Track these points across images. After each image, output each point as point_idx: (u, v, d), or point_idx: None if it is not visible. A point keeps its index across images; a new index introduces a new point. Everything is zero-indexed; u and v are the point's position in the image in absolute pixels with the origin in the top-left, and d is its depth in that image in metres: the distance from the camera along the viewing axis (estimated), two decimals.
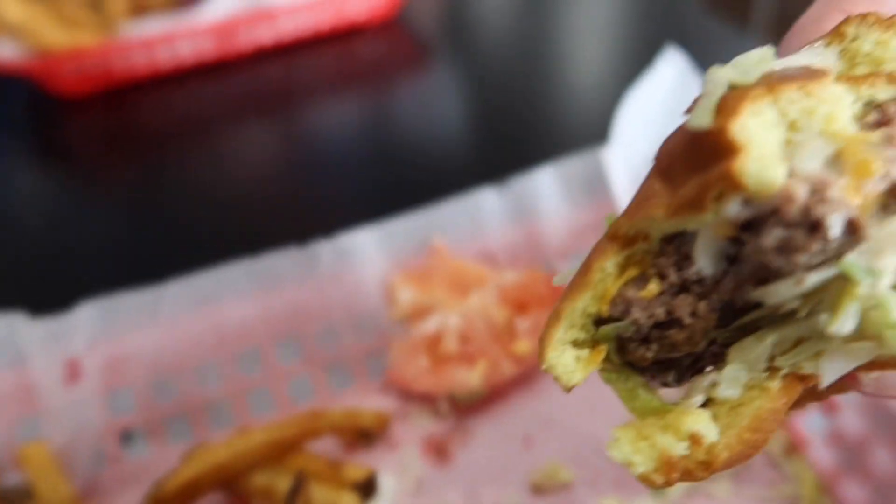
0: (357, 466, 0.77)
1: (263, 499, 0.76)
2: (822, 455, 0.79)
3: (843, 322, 0.29)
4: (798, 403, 0.37)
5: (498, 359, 0.84)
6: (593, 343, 0.35)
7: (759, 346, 0.33)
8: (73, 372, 0.80)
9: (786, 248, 0.29)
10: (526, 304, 0.88)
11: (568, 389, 0.36)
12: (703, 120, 0.30)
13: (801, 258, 0.28)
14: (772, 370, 0.33)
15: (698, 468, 0.33)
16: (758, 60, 0.32)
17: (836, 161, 0.29)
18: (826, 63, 0.33)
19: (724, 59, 0.33)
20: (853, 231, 0.28)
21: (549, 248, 0.94)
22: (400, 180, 1.28)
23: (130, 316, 0.82)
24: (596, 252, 0.35)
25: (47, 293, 0.86)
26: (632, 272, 0.34)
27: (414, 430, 0.84)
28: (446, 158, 1.35)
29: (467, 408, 0.85)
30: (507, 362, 0.84)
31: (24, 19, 1.33)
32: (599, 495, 0.76)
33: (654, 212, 0.32)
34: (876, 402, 0.74)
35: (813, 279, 0.29)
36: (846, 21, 0.35)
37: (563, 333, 0.35)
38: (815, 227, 0.28)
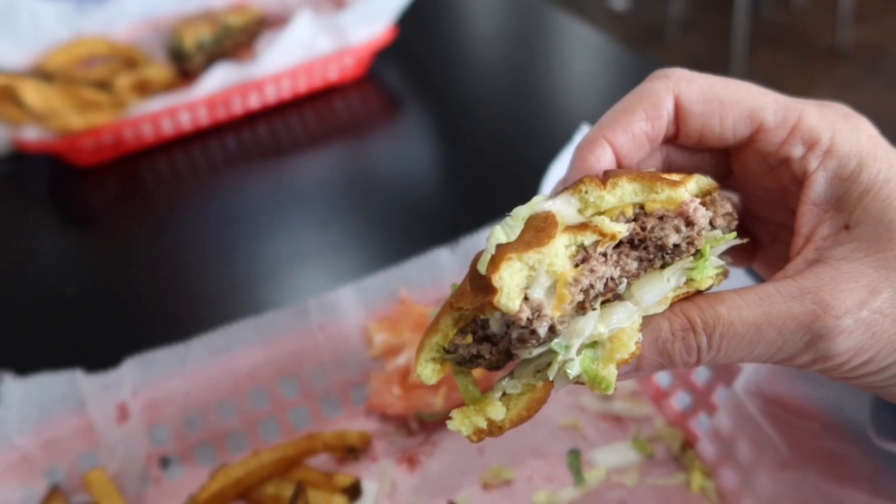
0: (345, 475, 0.98)
1: None
2: (706, 448, 1.01)
3: (552, 372, 0.57)
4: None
5: (455, 384, 1.06)
6: (442, 361, 0.61)
7: (528, 367, 0.59)
8: (122, 413, 1.01)
9: (520, 339, 0.54)
10: None
11: (429, 384, 0.61)
12: (483, 268, 0.55)
13: (529, 343, 0.54)
14: (538, 377, 0.59)
15: (495, 431, 0.58)
16: (523, 217, 0.58)
17: (553, 287, 0.54)
18: (569, 207, 0.58)
19: None
20: (553, 331, 0.54)
21: None
22: (381, 225, 1.49)
23: (164, 368, 1.03)
24: (443, 311, 0.60)
25: (97, 353, 1.07)
26: (461, 324, 0.60)
27: (391, 445, 1.05)
28: (422, 202, 1.56)
29: (433, 425, 1.07)
30: None
31: (46, 106, 1.54)
32: (534, 489, 0.98)
33: (465, 305, 0.57)
34: (737, 404, 0.96)
35: (537, 350, 0.56)
36: (581, 180, 0.59)
37: (425, 355, 0.60)
38: (532, 332, 0.53)
